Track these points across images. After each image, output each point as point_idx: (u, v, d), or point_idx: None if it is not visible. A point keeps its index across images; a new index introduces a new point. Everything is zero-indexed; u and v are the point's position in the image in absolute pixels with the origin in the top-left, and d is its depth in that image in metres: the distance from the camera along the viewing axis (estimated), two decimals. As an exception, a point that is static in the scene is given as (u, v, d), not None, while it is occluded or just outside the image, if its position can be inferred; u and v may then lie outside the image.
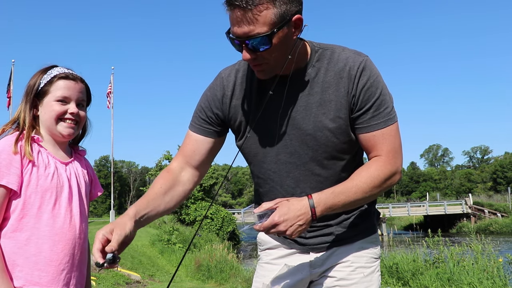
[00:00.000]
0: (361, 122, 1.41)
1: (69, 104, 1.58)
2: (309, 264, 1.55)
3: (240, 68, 1.53)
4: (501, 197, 52.21)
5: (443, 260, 7.61)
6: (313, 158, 1.45)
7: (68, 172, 1.60)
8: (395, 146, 1.41)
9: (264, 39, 1.27)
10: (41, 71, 1.61)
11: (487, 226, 35.88)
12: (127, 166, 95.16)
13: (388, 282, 7.76)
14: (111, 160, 30.48)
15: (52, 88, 1.57)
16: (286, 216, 1.28)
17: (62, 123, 1.58)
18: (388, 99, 1.42)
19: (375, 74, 1.41)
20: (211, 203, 0.90)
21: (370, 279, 1.52)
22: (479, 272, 6.59)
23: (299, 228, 1.30)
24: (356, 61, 1.40)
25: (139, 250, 14.52)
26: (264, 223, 1.28)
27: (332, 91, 1.41)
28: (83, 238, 1.62)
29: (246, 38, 1.28)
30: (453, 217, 40.72)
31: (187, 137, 1.60)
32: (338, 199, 1.34)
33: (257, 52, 1.30)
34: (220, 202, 54.56)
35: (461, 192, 76.26)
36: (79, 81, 1.62)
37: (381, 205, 45.73)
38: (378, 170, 1.38)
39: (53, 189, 1.53)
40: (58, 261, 1.51)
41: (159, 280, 9.91)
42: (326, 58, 1.44)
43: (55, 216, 1.52)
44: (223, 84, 1.53)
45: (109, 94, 26.39)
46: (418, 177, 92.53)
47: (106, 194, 66.50)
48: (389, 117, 1.41)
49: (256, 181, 1.61)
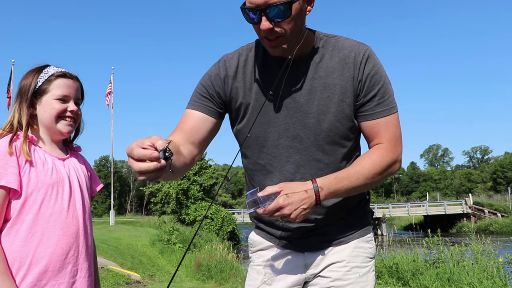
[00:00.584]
0: (366, 110, 1.43)
1: (68, 102, 1.60)
2: (304, 265, 1.54)
3: (243, 53, 1.53)
4: (501, 197, 52.20)
5: (443, 260, 7.61)
6: (315, 142, 1.45)
7: (66, 167, 1.61)
8: (396, 135, 1.44)
9: (284, 7, 1.27)
10: (35, 70, 1.61)
11: (487, 226, 35.88)
12: (127, 166, 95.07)
13: (388, 282, 7.77)
14: (111, 160, 30.49)
15: (51, 87, 1.58)
16: (291, 199, 1.28)
17: (62, 121, 1.59)
18: (390, 88, 1.46)
19: (379, 63, 1.45)
20: (211, 203, 0.89)
21: (366, 279, 1.51)
22: (479, 272, 6.59)
23: (303, 212, 1.30)
24: (361, 49, 1.44)
25: (139, 250, 14.53)
26: (268, 206, 1.27)
27: (336, 75, 1.43)
28: (88, 231, 1.63)
29: (266, 6, 1.27)
30: (453, 217, 40.71)
31: (186, 115, 1.52)
32: (341, 184, 1.36)
33: (277, 21, 1.29)
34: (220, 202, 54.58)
35: (461, 192, 76.26)
36: (76, 80, 1.64)
37: (381, 205, 45.74)
38: (380, 157, 1.41)
39: (54, 184, 1.54)
40: (63, 255, 1.53)
41: (159, 280, 9.90)
42: (330, 45, 1.46)
43: (58, 211, 1.53)
44: (226, 66, 1.52)
45: (108, 94, 26.36)
46: (418, 177, 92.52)
47: (106, 194, 66.48)
48: (392, 105, 1.45)
49: (252, 168, 1.56)
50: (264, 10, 1.28)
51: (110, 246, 12.87)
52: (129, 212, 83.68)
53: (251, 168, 1.57)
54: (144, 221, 27.23)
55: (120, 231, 18.27)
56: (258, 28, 1.34)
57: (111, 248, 12.46)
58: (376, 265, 8.38)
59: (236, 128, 1.55)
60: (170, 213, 28.77)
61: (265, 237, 1.62)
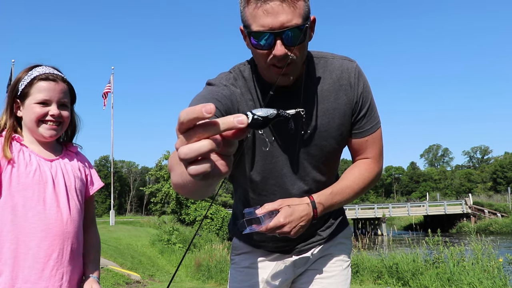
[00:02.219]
0: (358, 128, 1.44)
1: (50, 106, 1.56)
2: (293, 265, 1.57)
3: (237, 76, 1.39)
4: (501, 197, 52.19)
5: (443, 260, 7.61)
6: (316, 166, 1.45)
7: (53, 168, 1.58)
8: (380, 149, 1.49)
9: (300, 30, 1.18)
10: (24, 71, 1.59)
11: (487, 226, 35.86)
12: (127, 166, 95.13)
13: (388, 282, 7.77)
14: (111, 160, 30.45)
15: (32, 90, 1.55)
16: (292, 217, 1.28)
17: (43, 125, 1.56)
18: (374, 102, 1.47)
19: (366, 78, 1.45)
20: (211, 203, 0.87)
21: (346, 273, 1.60)
22: (479, 272, 6.59)
23: (301, 229, 1.31)
24: (351, 68, 1.41)
25: (139, 250, 14.52)
26: (269, 224, 1.26)
27: (333, 99, 1.40)
28: (75, 233, 1.58)
29: (283, 29, 1.16)
30: (453, 217, 40.69)
31: None
32: (335, 199, 1.41)
33: (292, 46, 1.19)
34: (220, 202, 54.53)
35: (461, 192, 76.27)
36: (60, 81, 1.59)
37: (381, 205, 45.72)
38: (368, 172, 1.46)
39: (35, 186, 1.51)
40: (46, 258, 1.49)
41: (159, 280, 9.90)
42: (320, 67, 1.41)
43: (40, 213, 1.50)
44: (231, 90, 1.34)
45: (105, 94, 26.27)
46: (418, 177, 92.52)
47: (106, 194, 66.44)
48: (377, 120, 1.47)
49: (254, 194, 1.49)
50: (280, 34, 1.16)
51: (110, 246, 12.86)
52: (129, 212, 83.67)
53: (253, 196, 1.50)
54: (144, 221, 27.23)
55: (120, 231, 18.26)
56: (266, 54, 1.22)
57: (111, 248, 12.46)
58: (376, 265, 8.39)
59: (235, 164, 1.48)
60: (170, 213, 28.75)
61: (252, 245, 1.60)
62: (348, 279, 1.60)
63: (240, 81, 1.37)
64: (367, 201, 75.88)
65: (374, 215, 41.72)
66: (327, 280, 1.55)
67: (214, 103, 1.16)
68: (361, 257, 8.87)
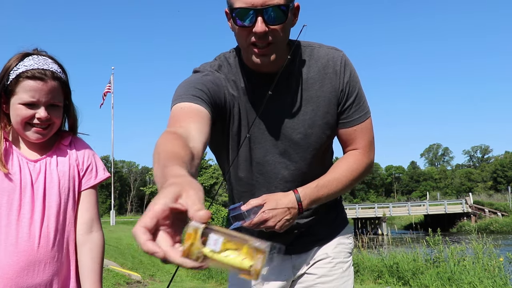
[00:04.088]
0: (345, 117, 1.43)
1: (38, 108, 1.38)
2: (292, 267, 1.55)
3: (222, 63, 1.42)
4: (501, 196, 52.26)
5: (444, 260, 7.61)
6: (303, 157, 1.44)
7: (35, 171, 1.42)
8: (370, 140, 1.47)
9: (282, 10, 1.22)
10: (14, 59, 1.40)
11: (487, 225, 35.82)
12: (127, 166, 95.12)
13: (388, 282, 7.76)
14: (111, 160, 30.47)
15: (18, 89, 1.36)
16: (275, 211, 1.30)
17: (30, 128, 1.40)
18: (363, 92, 1.46)
19: (353, 68, 1.45)
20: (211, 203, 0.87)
21: (348, 274, 1.56)
22: (480, 271, 6.59)
23: (286, 222, 1.32)
24: (337, 56, 1.41)
25: (140, 250, 14.52)
26: (253, 219, 1.28)
27: (318, 87, 1.40)
28: (51, 247, 1.40)
29: (264, 7, 1.20)
30: (454, 217, 40.67)
31: (180, 109, 1.20)
32: (321, 192, 1.39)
33: (272, 24, 1.23)
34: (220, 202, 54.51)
35: (462, 191, 76.27)
36: (50, 79, 1.38)
37: (381, 205, 45.75)
38: (356, 164, 1.44)
39: (10, 192, 1.37)
40: (14, 274, 1.33)
41: (159, 280, 9.91)
42: (306, 55, 1.42)
43: (10, 224, 1.35)
44: (215, 76, 1.37)
45: (105, 94, 26.27)
46: (418, 176, 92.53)
47: (107, 194, 66.48)
48: (367, 110, 1.45)
49: (238, 187, 1.51)
50: (261, 11, 1.20)
51: (111, 246, 12.87)
52: (129, 212, 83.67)
53: (237, 186, 1.52)
54: (144, 221, 27.14)
55: (120, 231, 18.27)
56: (247, 32, 1.25)
57: (111, 248, 12.47)
58: (376, 264, 8.39)
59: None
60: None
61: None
62: (350, 279, 1.56)
63: (225, 68, 1.41)
64: (368, 200, 75.98)
65: (374, 215, 41.71)
66: (327, 285, 1.53)
67: (201, 88, 1.25)
68: (362, 257, 8.87)
